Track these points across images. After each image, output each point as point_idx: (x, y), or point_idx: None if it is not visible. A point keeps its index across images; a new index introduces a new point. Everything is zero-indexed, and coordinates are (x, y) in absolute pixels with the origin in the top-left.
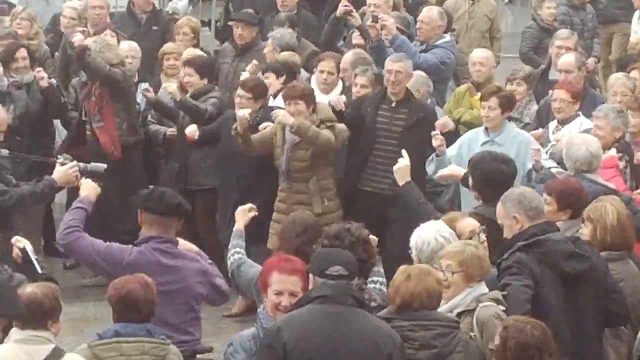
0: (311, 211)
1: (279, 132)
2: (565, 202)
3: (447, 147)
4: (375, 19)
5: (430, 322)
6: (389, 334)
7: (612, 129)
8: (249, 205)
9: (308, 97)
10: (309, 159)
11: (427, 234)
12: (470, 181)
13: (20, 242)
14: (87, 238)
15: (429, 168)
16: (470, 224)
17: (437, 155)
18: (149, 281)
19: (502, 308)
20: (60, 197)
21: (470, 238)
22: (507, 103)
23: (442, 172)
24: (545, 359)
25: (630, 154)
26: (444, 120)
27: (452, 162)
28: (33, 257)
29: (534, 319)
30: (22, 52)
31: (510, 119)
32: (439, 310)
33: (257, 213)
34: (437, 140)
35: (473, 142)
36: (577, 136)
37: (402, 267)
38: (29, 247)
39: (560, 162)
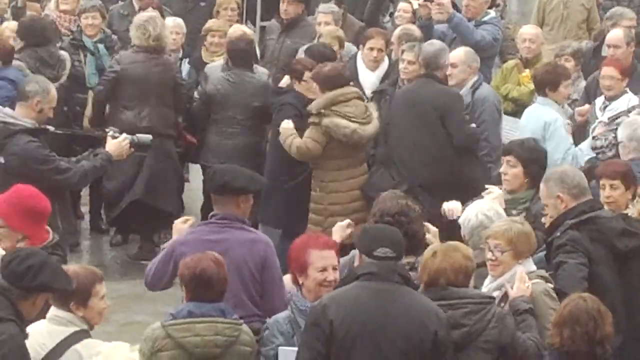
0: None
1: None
2: (629, 182)
3: None
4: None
5: (458, 300)
6: (435, 311)
7: None
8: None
9: (329, 82)
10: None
11: (470, 212)
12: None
13: None
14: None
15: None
16: None
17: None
18: (220, 259)
19: (551, 285)
20: None
21: None
22: (626, 71)
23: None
24: (602, 328)
25: None
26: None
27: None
28: None
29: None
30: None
31: None
32: (485, 288)
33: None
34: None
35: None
36: (635, 120)
37: (431, 246)
38: None
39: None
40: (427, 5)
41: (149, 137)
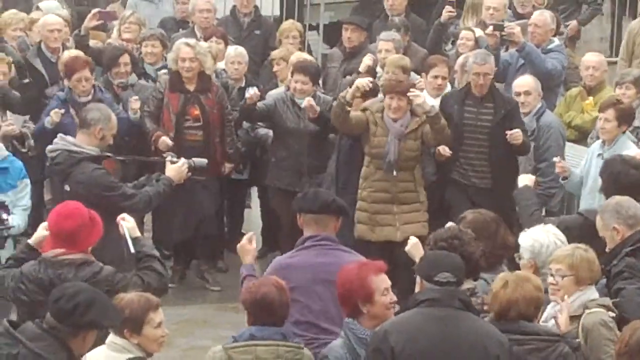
0: (417, 199)
1: (379, 121)
2: None
3: None
4: (500, 28)
5: (525, 336)
6: (497, 337)
7: None
8: None
9: (408, 91)
10: (418, 149)
11: (545, 238)
12: (600, 182)
13: (124, 220)
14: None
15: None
16: None
17: (564, 179)
18: (283, 284)
19: (612, 314)
20: None
21: None
22: (625, 116)
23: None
24: None
25: None
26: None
27: (582, 175)
28: (128, 236)
29: None
30: (125, 58)
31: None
32: (546, 313)
33: None
34: (559, 168)
35: (592, 154)
36: None
37: (501, 275)
38: (126, 226)
39: None
40: (496, 34)
41: (205, 160)
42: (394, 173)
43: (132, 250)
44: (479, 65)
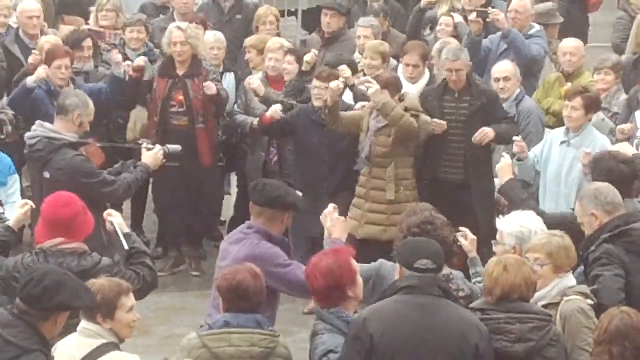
0: (384, 199)
1: (366, 117)
2: None
3: None
4: (485, 14)
5: (526, 315)
6: (476, 324)
7: None
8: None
9: (393, 85)
10: (391, 145)
11: (533, 224)
12: (591, 177)
13: (111, 217)
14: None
15: (519, 170)
16: None
17: (519, 160)
18: (258, 271)
19: (590, 302)
20: None
21: None
22: (592, 105)
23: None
24: None
25: None
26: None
27: (537, 159)
28: (120, 233)
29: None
30: (88, 42)
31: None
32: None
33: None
34: (517, 147)
35: (555, 140)
36: None
37: (495, 259)
38: (116, 222)
39: None
40: (479, 21)
41: (179, 147)
42: (368, 169)
43: (126, 247)
44: (450, 62)
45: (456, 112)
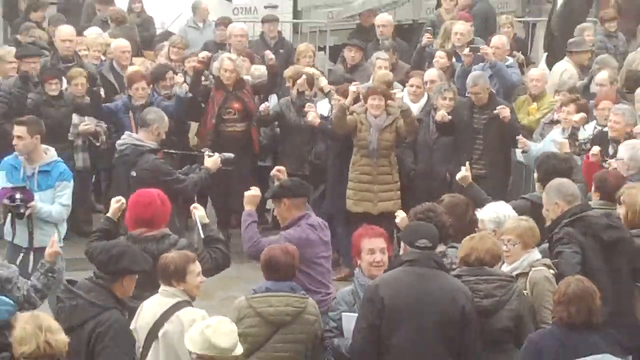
0: (392, 180)
1: (364, 120)
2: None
3: None
4: (476, 50)
5: (490, 276)
6: (463, 289)
7: (626, 124)
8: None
9: (385, 95)
10: (393, 140)
11: (506, 211)
12: (536, 174)
13: (195, 209)
14: (264, 241)
15: (525, 159)
16: None
17: (523, 152)
18: (291, 249)
19: (552, 272)
20: None
21: None
22: (583, 110)
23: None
24: (596, 303)
25: None
26: (440, 116)
27: (537, 152)
28: (199, 223)
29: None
30: (170, 74)
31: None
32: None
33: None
34: (520, 143)
35: (551, 138)
36: (636, 142)
37: (468, 237)
38: (198, 214)
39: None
40: (471, 54)
41: (232, 155)
42: (375, 159)
43: (202, 235)
44: (470, 87)
45: (478, 120)
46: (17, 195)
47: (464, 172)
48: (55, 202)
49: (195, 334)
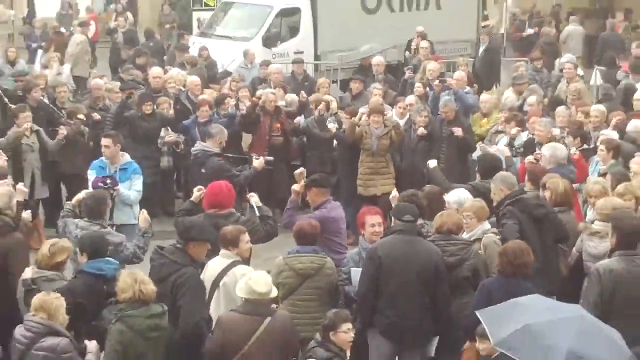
0: (388, 172)
1: (367, 130)
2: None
3: None
4: (444, 81)
5: (455, 241)
6: (436, 251)
7: (547, 132)
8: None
9: (382, 113)
10: (388, 144)
11: (465, 195)
12: (477, 168)
13: (252, 197)
14: (297, 217)
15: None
16: None
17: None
18: (314, 223)
19: (498, 237)
20: None
21: None
22: (521, 124)
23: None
24: (529, 258)
25: None
26: (420, 132)
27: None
28: (255, 206)
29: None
30: (229, 101)
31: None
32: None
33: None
34: (481, 148)
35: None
36: (555, 144)
37: (440, 212)
38: (254, 200)
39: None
40: (440, 85)
41: (271, 158)
42: (375, 158)
43: (257, 214)
44: (442, 108)
45: (445, 131)
46: (108, 180)
47: (433, 162)
48: (131, 189)
49: (242, 284)
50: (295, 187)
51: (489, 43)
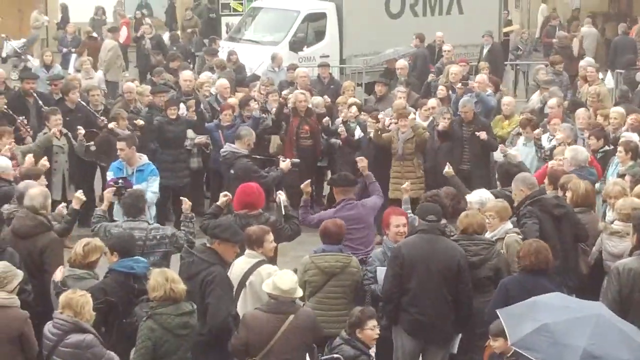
0: (415, 176)
1: (395, 135)
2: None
3: None
4: (466, 84)
5: (479, 241)
6: (459, 250)
7: (568, 136)
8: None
9: (406, 117)
10: (413, 148)
11: (487, 195)
12: (497, 175)
13: (280, 195)
14: (310, 217)
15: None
16: None
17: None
18: (339, 223)
19: (521, 237)
20: None
21: None
22: (535, 126)
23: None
24: (548, 257)
25: None
26: (441, 126)
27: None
28: (282, 205)
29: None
30: (253, 103)
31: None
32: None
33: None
34: (501, 150)
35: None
36: (576, 147)
37: (463, 213)
38: (282, 198)
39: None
40: (463, 87)
41: (298, 160)
42: (402, 162)
43: (283, 212)
44: (461, 108)
45: (466, 132)
46: (120, 181)
47: (447, 169)
48: (148, 190)
49: (269, 281)
50: (303, 186)
51: (491, 45)
